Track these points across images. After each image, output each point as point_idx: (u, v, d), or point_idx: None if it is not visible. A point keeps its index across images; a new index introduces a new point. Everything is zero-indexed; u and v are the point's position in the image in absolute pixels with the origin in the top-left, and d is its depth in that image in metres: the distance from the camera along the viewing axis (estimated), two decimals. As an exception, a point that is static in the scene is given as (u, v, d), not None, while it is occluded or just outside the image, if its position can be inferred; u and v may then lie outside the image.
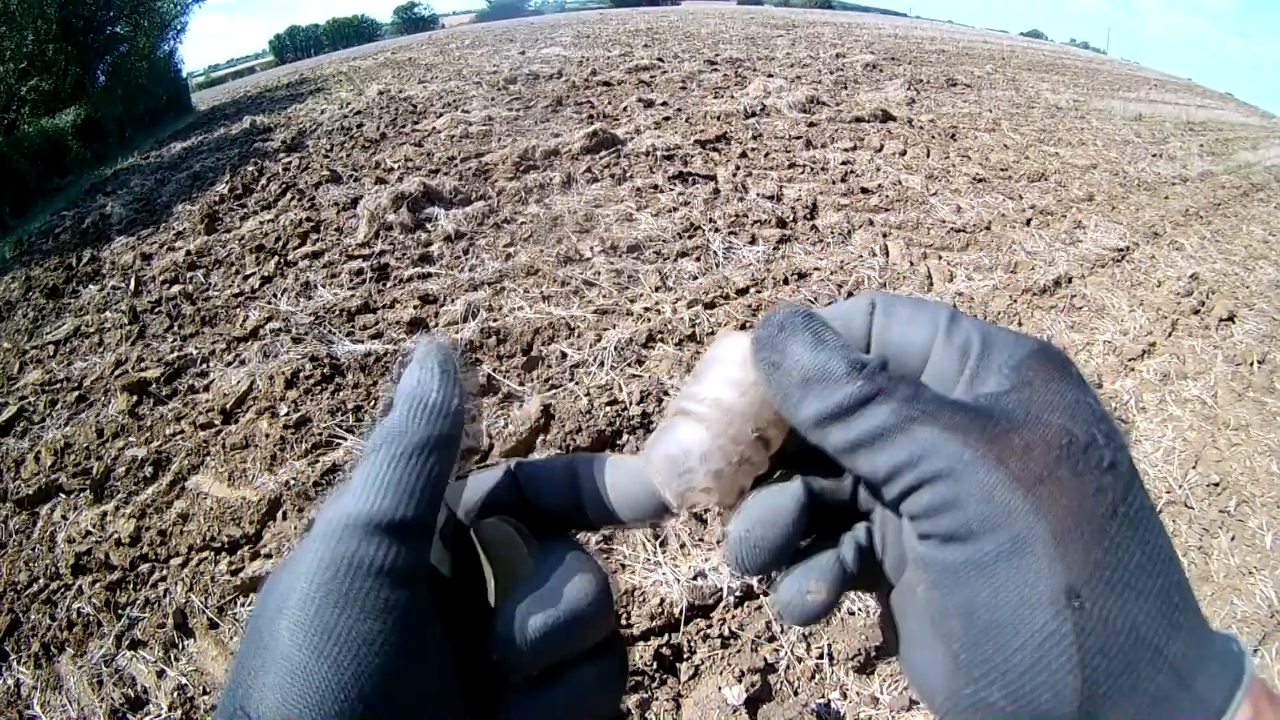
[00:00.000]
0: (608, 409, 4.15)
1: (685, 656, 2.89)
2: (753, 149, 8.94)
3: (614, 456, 0.51)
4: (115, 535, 3.68)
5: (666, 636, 2.95)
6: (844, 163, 8.59)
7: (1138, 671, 0.36)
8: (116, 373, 5.19)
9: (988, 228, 7.08)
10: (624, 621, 3.00)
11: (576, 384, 4.49)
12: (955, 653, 0.39)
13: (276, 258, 6.55)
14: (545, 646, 0.44)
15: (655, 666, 2.83)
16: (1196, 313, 5.74)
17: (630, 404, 4.21)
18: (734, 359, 0.48)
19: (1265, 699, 0.37)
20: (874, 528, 0.50)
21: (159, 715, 2.86)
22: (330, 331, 5.23)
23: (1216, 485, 3.98)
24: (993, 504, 0.37)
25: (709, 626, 2.99)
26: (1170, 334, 5.44)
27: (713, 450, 0.47)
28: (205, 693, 2.93)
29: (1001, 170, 8.92)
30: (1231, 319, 5.64)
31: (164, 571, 3.47)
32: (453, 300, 5.55)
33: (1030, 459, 0.38)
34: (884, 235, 6.63)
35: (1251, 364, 5.09)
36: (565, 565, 0.47)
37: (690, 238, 6.38)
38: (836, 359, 0.42)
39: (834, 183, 7.91)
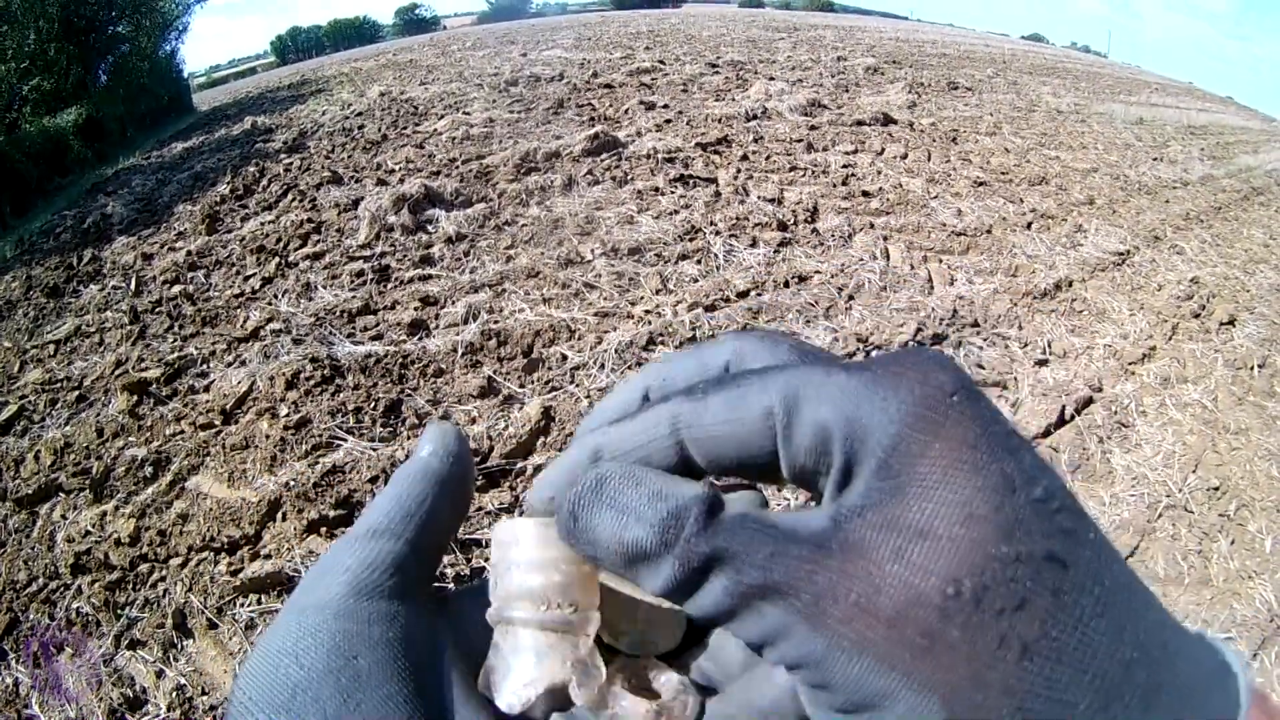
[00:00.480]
0: (608, 411, 4.15)
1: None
2: (754, 152, 8.95)
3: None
4: (115, 535, 3.68)
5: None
6: (845, 166, 8.60)
7: None
8: (117, 372, 5.19)
9: (988, 231, 7.08)
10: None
11: (577, 386, 4.49)
12: None
13: (277, 259, 6.55)
14: None
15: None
16: (1197, 316, 5.74)
17: (630, 406, 4.21)
18: (529, 543, 0.42)
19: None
20: None
21: (158, 715, 2.86)
22: (331, 333, 5.23)
23: (1216, 489, 3.98)
24: (865, 692, 0.31)
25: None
26: (1170, 338, 5.44)
27: (553, 665, 0.41)
28: (204, 693, 2.93)
29: (1002, 174, 8.92)
30: (1232, 323, 5.65)
31: (163, 572, 3.47)
32: (453, 302, 5.55)
33: (905, 628, 0.31)
34: (885, 238, 6.63)
35: (1252, 368, 5.10)
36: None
37: (691, 240, 6.38)
38: (645, 530, 0.36)
39: (835, 186, 7.91)
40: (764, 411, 0.37)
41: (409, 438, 4.14)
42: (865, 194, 7.74)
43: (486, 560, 3.21)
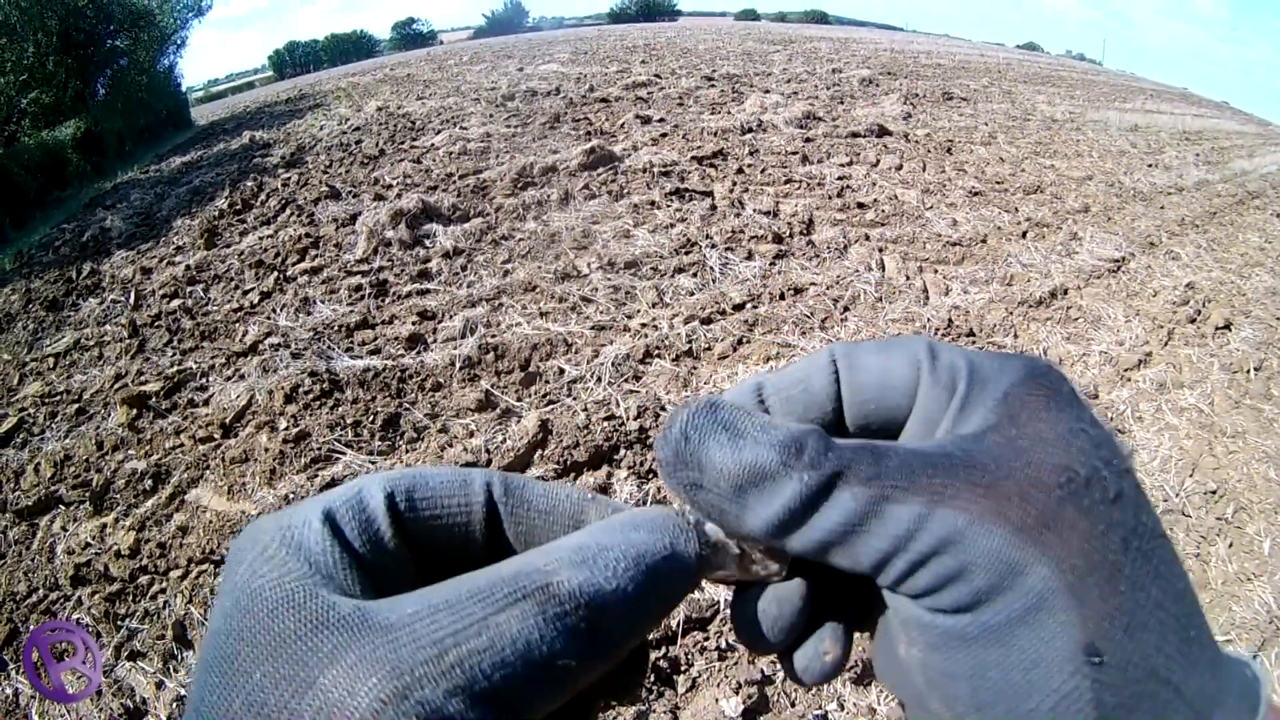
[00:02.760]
0: (605, 424, 4.16)
1: (683, 669, 2.89)
2: (749, 165, 8.98)
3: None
4: (115, 547, 3.69)
5: (664, 649, 2.95)
6: (840, 178, 8.62)
7: (1157, 716, 0.33)
8: (116, 386, 5.20)
9: (983, 241, 7.10)
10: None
11: (574, 400, 4.50)
12: (959, 713, 0.36)
13: (276, 273, 6.57)
14: None
15: (653, 679, 2.84)
16: (1193, 321, 5.76)
17: (628, 419, 4.22)
18: None
19: None
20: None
21: (158, 727, 2.87)
22: (329, 347, 5.24)
23: (1214, 493, 3.99)
24: (1002, 567, 0.33)
25: (706, 639, 3.00)
26: (1167, 343, 5.45)
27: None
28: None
29: (997, 183, 8.95)
30: (1228, 327, 5.66)
31: (163, 584, 3.48)
32: (451, 316, 5.57)
33: (1030, 506, 0.34)
34: (880, 250, 6.65)
35: (1248, 371, 5.11)
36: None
37: (687, 254, 6.40)
38: (766, 450, 0.36)
39: (830, 198, 7.93)
40: (911, 356, 0.42)
41: (407, 451, 4.15)
42: (860, 206, 7.76)
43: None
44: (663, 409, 4.31)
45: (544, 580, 0.33)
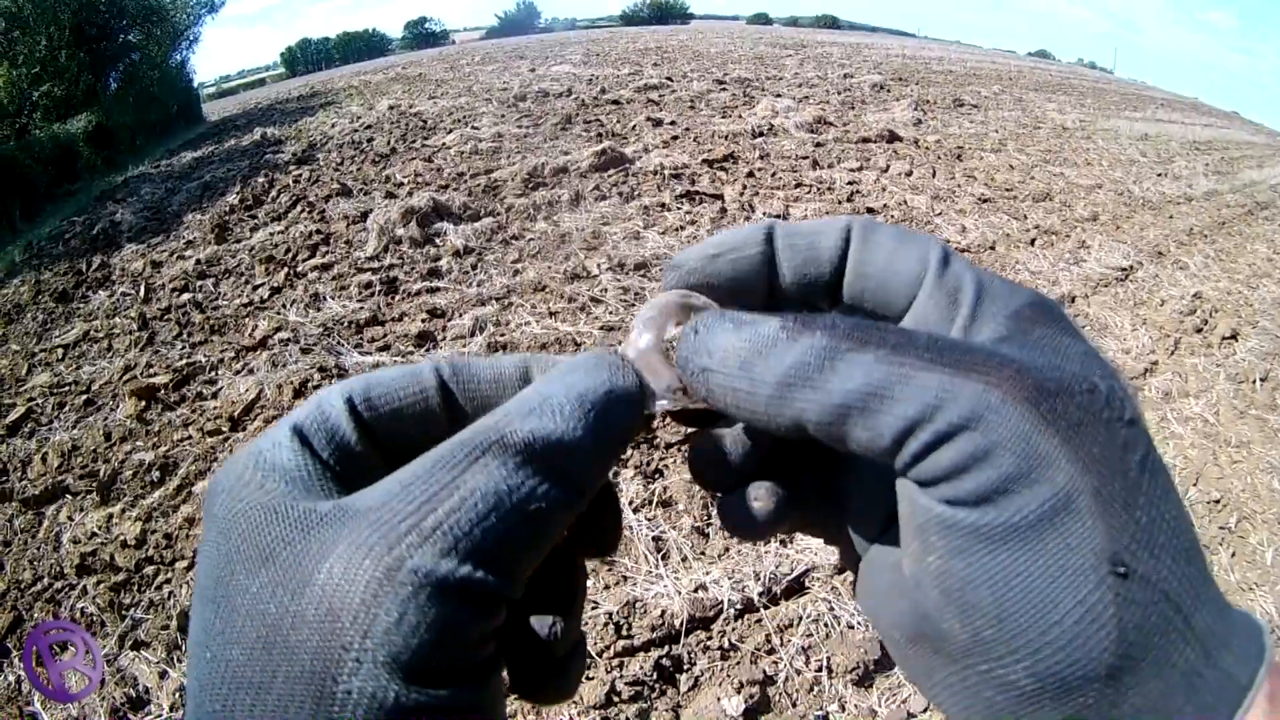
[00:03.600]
0: (612, 421, 4.17)
1: (685, 668, 2.90)
2: (760, 168, 8.98)
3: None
4: (121, 537, 3.70)
5: (667, 648, 2.96)
6: (850, 183, 8.62)
7: (1169, 645, 0.32)
8: (125, 378, 5.21)
9: (992, 248, 7.10)
10: (625, 632, 3.02)
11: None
12: (976, 628, 0.33)
13: (286, 269, 6.58)
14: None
15: (655, 677, 2.84)
16: (1199, 331, 5.75)
17: (634, 416, 4.23)
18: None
19: None
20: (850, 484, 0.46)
21: (160, 716, 2.88)
22: (338, 343, 5.26)
23: (1218, 502, 3.99)
24: (1031, 454, 0.32)
25: (709, 638, 3.00)
26: (1173, 352, 5.45)
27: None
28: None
29: (1007, 190, 8.94)
30: (1234, 337, 5.65)
31: (169, 574, 3.50)
32: (460, 315, 5.58)
33: (1057, 400, 0.33)
34: (889, 253, 6.65)
35: (1254, 382, 5.11)
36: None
37: (697, 254, 6.39)
38: (770, 323, 0.36)
39: (840, 203, 7.94)
40: (923, 253, 0.43)
41: (414, 445, 4.16)
42: (870, 210, 7.76)
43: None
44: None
45: (498, 435, 0.34)
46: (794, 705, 2.77)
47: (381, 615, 0.30)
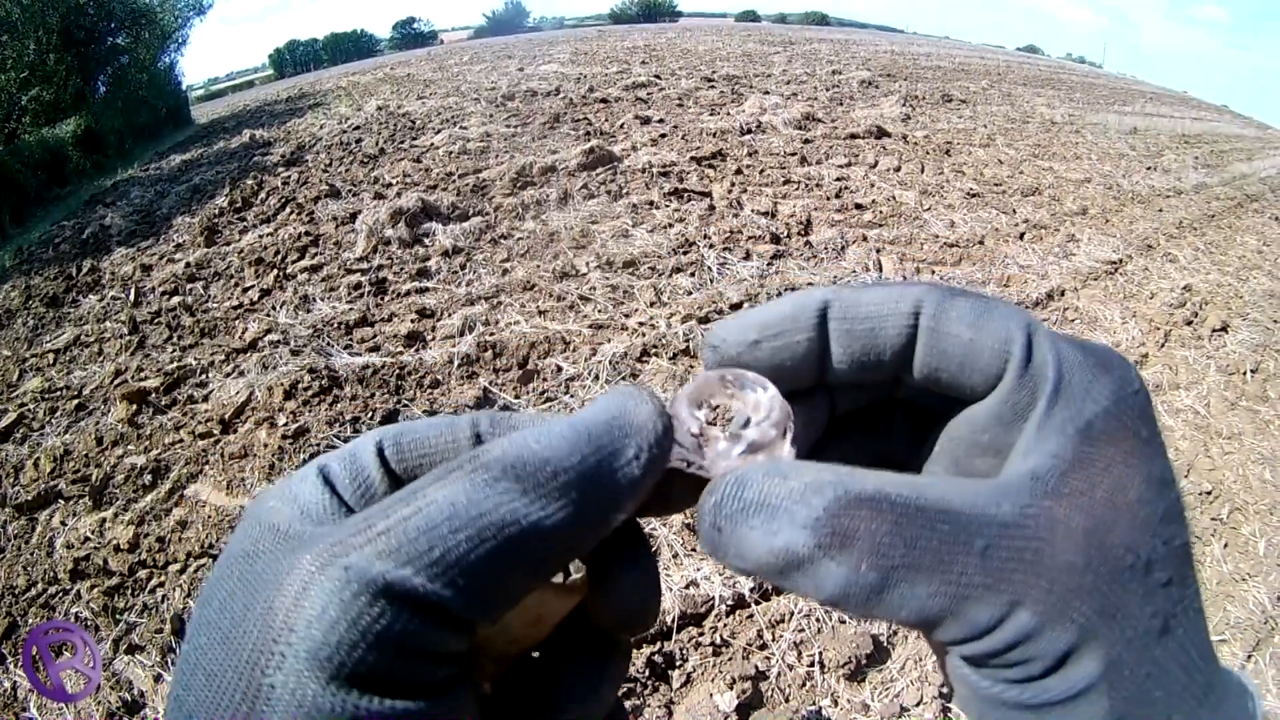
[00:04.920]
0: (603, 420, 4.18)
1: (677, 664, 2.91)
2: (748, 166, 8.98)
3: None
4: (114, 541, 3.70)
5: (659, 645, 2.96)
6: (839, 179, 8.63)
7: None
8: (116, 382, 5.21)
9: (981, 242, 7.11)
10: (618, 629, 3.02)
11: (572, 397, 4.51)
12: None
13: (275, 271, 6.58)
14: (656, 606, 0.42)
15: (648, 674, 2.85)
16: (1189, 323, 5.77)
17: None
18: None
19: None
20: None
21: (154, 719, 2.88)
22: (328, 344, 5.25)
23: (1209, 493, 4.01)
24: (1060, 658, 0.33)
25: (701, 635, 3.01)
26: (1163, 345, 5.47)
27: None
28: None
29: (996, 185, 8.96)
30: (1224, 329, 5.68)
31: (162, 578, 3.49)
32: (450, 314, 5.58)
33: (1093, 597, 0.33)
34: (878, 250, 6.66)
35: (1244, 373, 5.13)
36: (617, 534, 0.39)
37: (685, 254, 6.41)
38: (798, 532, 0.33)
39: (828, 199, 7.94)
40: (1003, 339, 0.38)
41: (406, 446, 4.16)
42: (858, 206, 7.77)
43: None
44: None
45: (476, 455, 0.33)
46: (786, 700, 2.78)
47: (306, 609, 0.29)
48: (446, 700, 0.32)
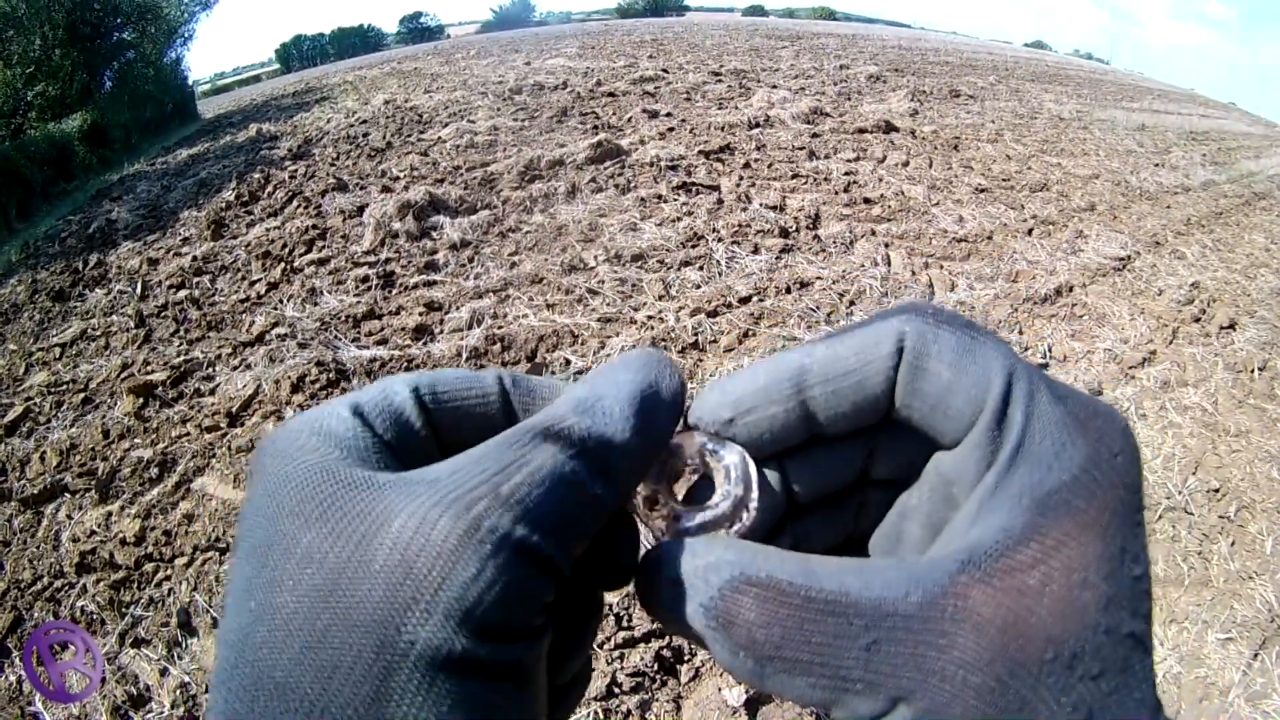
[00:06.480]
0: (610, 414, 4.18)
1: (686, 658, 2.90)
2: (756, 160, 8.96)
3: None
4: (120, 535, 3.70)
5: (667, 639, 2.96)
6: (847, 173, 8.60)
7: None
8: (122, 375, 5.21)
9: (989, 237, 7.09)
10: (626, 624, 3.02)
11: (579, 389, 4.51)
12: None
13: (283, 264, 6.58)
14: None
15: (656, 668, 2.85)
16: (1197, 320, 5.75)
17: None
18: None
19: None
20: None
21: (161, 713, 2.88)
22: (336, 337, 5.25)
23: (1216, 491, 3.99)
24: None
25: (710, 629, 3.00)
26: (1171, 342, 5.45)
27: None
28: (208, 691, 2.94)
29: (1004, 180, 8.93)
30: (1232, 327, 5.65)
31: (168, 571, 3.50)
32: (458, 308, 5.57)
33: (1001, 697, 0.32)
34: (886, 245, 6.65)
35: (1252, 371, 5.11)
36: None
37: (693, 247, 6.40)
38: (694, 612, 0.35)
39: (837, 193, 7.92)
40: (981, 387, 0.38)
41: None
42: (867, 201, 7.75)
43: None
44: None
45: (559, 426, 0.36)
46: (795, 696, 2.77)
47: (459, 569, 0.31)
48: (538, 644, 0.34)
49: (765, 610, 0.33)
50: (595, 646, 2.92)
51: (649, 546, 0.40)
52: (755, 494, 0.42)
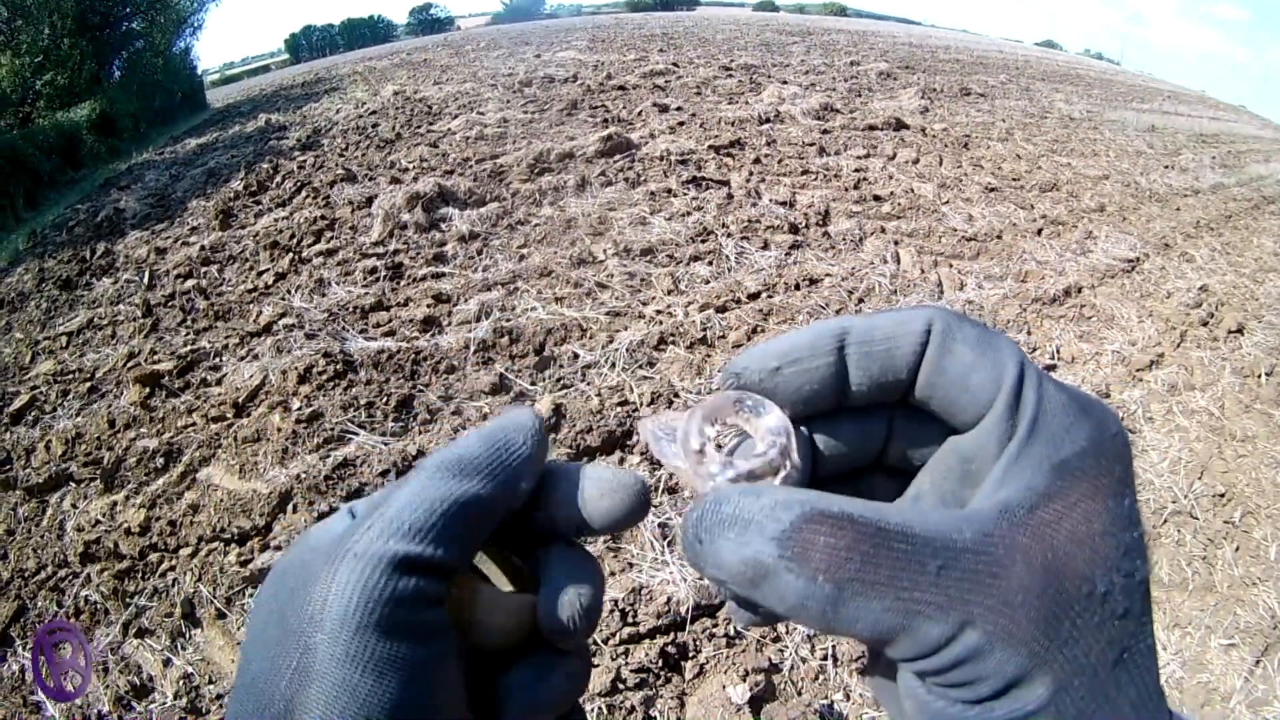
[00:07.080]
0: (618, 409, 4.18)
1: (691, 655, 2.90)
2: (766, 155, 8.95)
3: (589, 465, 0.49)
4: (125, 524, 3.71)
5: (672, 635, 2.96)
6: (857, 170, 8.59)
7: None
8: (129, 365, 5.22)
9: (999, 237, 7.08)
10: (631, 619, 3.02)
11: (588, 384, 4.51)
12: None
13: (291, 254, 6.58)
14: (588, 623, 0.46)
15: (661, 664, 2.85)
16: (1205, 324, 5.74)
17: (641, 405, 4.23)
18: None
19: None
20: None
21: (164, 703, 2.88)
22: (344, 328, 5.25)
23: (1222, 496, 3.98)
24: (1009, 680, 0.35)
25: (715, 626, 3.01)
26: (1179, 345, 5.44)
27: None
28: (211, 681, 2.96)
29: (1014, 180, 8.92)
30: (1240, 331, 5.64)
31: (173, 561, 3.50)
32: (466, 300, 5.57)
33: (1046, 627, 0.35)
34: (895, 243, 6.64)
35: (1259, 376, 5.09)
36: (570, 560, 0.48)
37: (703, 242, 6.40)
38: (765, 544, 0.36)
39: (847, 190, 7.91)
40: (998, 372, 0.42)
41: (420, 433, 4.17)
42: (877, 198, 7.74)
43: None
44: (676, 395, 4.33)
45: (418, 465, 0.45)
46: (799, 694, 2.77)
47: (336, 583, 0.38)
48: (442, 642, 0.40)
49: (842, 538, 0.35)
50: (599, 642, 2.92)
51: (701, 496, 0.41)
52: (796, 446, 0.45)
